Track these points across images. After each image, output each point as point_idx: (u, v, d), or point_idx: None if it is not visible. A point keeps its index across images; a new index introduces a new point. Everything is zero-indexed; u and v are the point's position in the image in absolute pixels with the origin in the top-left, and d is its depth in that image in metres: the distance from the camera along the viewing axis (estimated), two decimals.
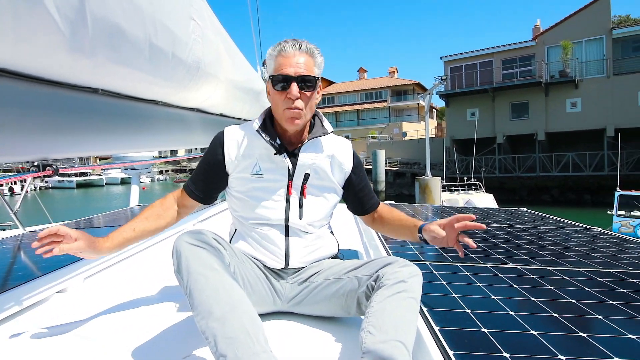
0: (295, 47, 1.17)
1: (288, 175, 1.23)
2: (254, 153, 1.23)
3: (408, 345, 0.87)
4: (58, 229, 1.05)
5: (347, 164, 1.31)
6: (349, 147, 1.33)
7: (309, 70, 1.17)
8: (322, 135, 1.26)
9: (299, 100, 1.16)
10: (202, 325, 0.91)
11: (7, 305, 1.36)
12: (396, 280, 0.99)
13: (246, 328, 0.88)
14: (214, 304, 0.92)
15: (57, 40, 1.01)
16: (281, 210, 1.24)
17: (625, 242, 2.30)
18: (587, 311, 1.18)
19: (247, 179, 1.24)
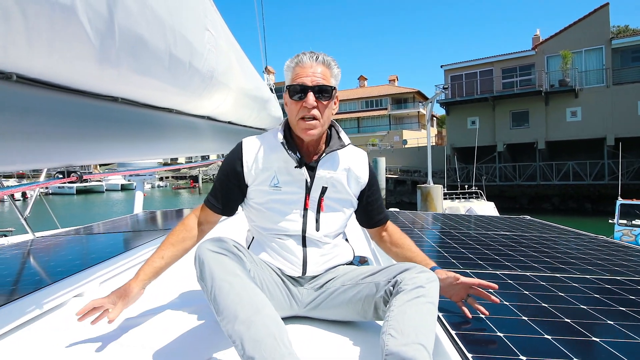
0: (313, 59, 1.21)
1: (306, 188, 1.26)
2: (273, 166, 1.25)
3: (429, 348, 0.89)
4: (93, 305, 1.12)
5: (364, 177, 1.34)
6: (365, 160, 1.36)
7: (326, 80, 1.20)
8: (340, 148, 1.28)
9: (315, 110, 1.18)
10: (229, 329, 0.94)
11: (28, 309, 1.38)
12: (415, 286, 1.02)
13: (271, 331, 0.91)
14: (239, 309, 0.95)
15: (87, 51, 1.05)
16: (298, 223, 1.26)
17: (630, 251, 2.33)
18: (597, 317, 1.21)
19: (265, 191, 1.26)
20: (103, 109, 1.43)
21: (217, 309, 0.99)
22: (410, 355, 0.86)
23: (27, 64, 0.96)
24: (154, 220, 3.70)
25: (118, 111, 1.53)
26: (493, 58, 23.16)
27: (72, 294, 1.61)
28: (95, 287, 1.74)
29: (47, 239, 2.79)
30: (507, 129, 22.24)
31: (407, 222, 3.30)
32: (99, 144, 1.40)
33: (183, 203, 32.51)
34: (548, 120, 21.09)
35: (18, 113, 1.07)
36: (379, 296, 1.12)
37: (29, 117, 1.11)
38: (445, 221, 3.44)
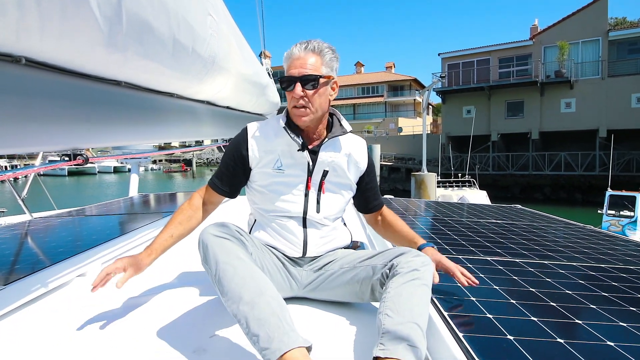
0: (301, 49, 1.25)
1: (308, 171, 1.31)
2: (276, 149, 1.30)
3: (422, 326, 0.95)
4: (107, 271, 1.15)
5: (363, 163, 1.40)
6: (364, 147, 1.42)
7: (314, 69, 1.23)
8: (341, 134, 1.33)
9: (303, 99, 1.23)
10: (234, 309, 0.99)
11: (33, 288, 1.42)
12: (410, 269, 1.07)
13: (274, 310, 0.96)
14: (243, 290, 1.00)
15: (96, 36, 1.07)
16: (300, 204, 1.32)
17: (615, 240, 2.41)
18: (581, 301, 1.27)
19: (268, 173, 1.31)
20: (107, 93, 1.45)
21: (222, 290, 1.03)
22: (406, 333, 0.91)
23: (37, 48, 0.98)
24: (150, 203, 3.73)
25: (121, 95, 1.55)
26: (490, 47, 23.10)
27: (75, 274, 1.65)
28: (97, 268, 1.78)
29: (46, 220, 2.81)
30: (502, 118, 22.33)
31: (401, 209, 3.36)
32: (103, 127, 1.42)
33: (176, 186, 32.41)
34: (542, 111, 21.20)
35: (26, 96, 1.09)
36: (376, 279, 1.18)
37: (37, 100, 1.13)
38: (439, 209, 3.50)
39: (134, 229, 2.29)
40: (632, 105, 19.34)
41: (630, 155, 18.95)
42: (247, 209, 1.48)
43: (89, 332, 1.17)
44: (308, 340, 0.93)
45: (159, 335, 1.16)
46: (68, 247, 1.88)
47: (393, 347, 0.90)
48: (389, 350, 0.89)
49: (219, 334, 1.16)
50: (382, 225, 1.52)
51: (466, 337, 0.97)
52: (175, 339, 1.14)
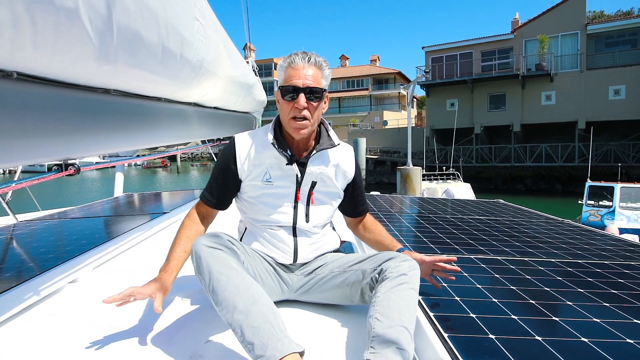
0: (305, 60, 1.26)
1: (296, 183, 1.34)
2: (264, 162, 1.33)
3: (410, 329, 1.01)
4: (132, 293, 1.13)
5: (350, 172, 1.44)
6: (352, 156, 1.45)
7: (316, 82, 1.26)
8: (330, 147, 1.36)
9: (306, 111, 1.25)
10: (228, 319, 1.02)
11: (26, 296, 1.43)
12: (398, 274, 1.13)
13: (268, 318, 1.00)
14: (237, 299, 1.03)
15: (87, 50, 1.08)
16: (289, 215, 1.35)
17: (592, 234, 2.52)
18: (559, 298, 1.35)
19: (257, 186, 1.34)
20: (96, 102, 1.45)
21: (216, 300, 1.06)
22: (395, 337, 0.96)
23: (30, 63, 0.99)
24: (138, 204, 3.71)
25: (111, 102, 1.55)
26: (473, 41, 23.36)
27: (67, 280, 1.66)
28: (88, 273, 1.79)
29: (32, 223, 2.78)
30: (485, 111, 22.67)
31: (386, 206, 3.43)
32: (93, 136, 1.43)
33: (162, 183, 32.00)
34: (524, 104, 21.59)
35: (17, 110, 1.09)
36: (365, 282, 1.22)
37: (28, 114, 1.13)
38: (424, 205, 3.58)
39: (124, 232, 2.29)
40: (610, 97, 19.85)
41: (608, 146, 19.49)
42: (237, 216, 1.51)
43: (83, 339, 1.19)
44: (301, 345, 0.97)
45: (154, 342, 1.18)
46: (58, 253, 1.88)
47: (383, 350, 0.95)
48: (379, 354, 0.94)
49: (213, 339, 1.20)
50: (362, 229, 1.56)
51: (451, 337, 1.03)
52: (171, 345, 1.17)
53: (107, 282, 1.71)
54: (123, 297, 1.11)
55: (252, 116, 4.59)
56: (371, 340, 0.98)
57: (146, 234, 2.43)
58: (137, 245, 2.26)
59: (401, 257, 1.19)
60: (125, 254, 2.11)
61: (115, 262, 1.99)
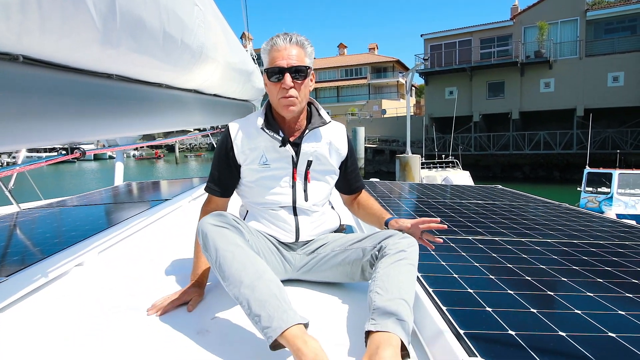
0: (287, 40, 1.30)
1: (292, 163, 1.38)
2: (260, 146, 1.37)
3: (409, 302, 1.04)
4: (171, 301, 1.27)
5: (343, 149, 1.48)
6: (344, 132, 1.49)
7: (300, 60, 1.30)
8: (321, 125, 1.40)
9: (292, 89, 1.28)
10: (235, 293, 1.06)
11: (35, 277, 1.46)
12: (397, 250, 1.16)
13: (273, 292, 1.03)
14: (243, 275, 1.07)
15: (92, 34, 1.10)
16: (288, 195, 1.39)
17: (588, 217, 2.56)
18: (554, 275, 1.39)
19: (255, 169, 1.38)
20: (100, 86, 1.47)
21: (223, 275, 1.10)
22: (394, 309, 1.00)
23: (36, 47, 1.01)
24: (137, 192, 3.74)
25: (112, 87, 1.57)
26: (472, 28, 23.17)
27: (74, 264, 1.70)
28: (94, 257, 1.83)
29: (35, 211, 2.81)
30: (484, 99, 22.60)
31: (386, 192, 3.46)
32: (96, 120, 1.45)
33: (160, 173, 32.00)
34: (522, 91, 21.53)
35: (23, 93, 1.12)
36: (366, 260, 1.26)
37: (33, 97, 1.15)
38: (423, 191, 3.62)
39: (126, 218, 2.33)
40: (608, 84, 19.79)
41: (607, 133, 19.50)
42: (237, 201, 1.54)
43: (92, 319, 1.23)
44: (305, 317, 1.01)
45: (162, 319, 1.22)
46: (63, 238, 1.91)
47: (383, 321, 0.99)
48: (379, 325, 0.98)
49: (219, 316, 1.24)
50: (357, 206, 1.60)
51: (449, 310, 1.07)
52: (178, 321, 1.20)
53: (112, 265, 1.75)
54: (165, 310, 1.24)
55: (251, 104, 4.60)
56: (372, 313, 1.02)
57: (149, 220, 2.47)
58: (140, 231, 2.30)
59: (399, 235, 1.22)
60: (129, 239, 2.14)
61: (120, 246, 2.02)
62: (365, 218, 1.57)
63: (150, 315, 1.23)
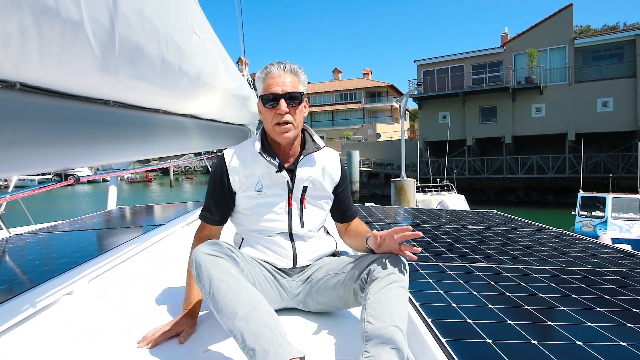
0: (281, 68, 1.33)
1: (288, 189, 1.37)
2: (256, 172, 1.37)
3: (402, 328, 1.03)
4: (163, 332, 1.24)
5: (336, 174, 1.47)
6: (337, 158, 1.49)
7: (294, 87, 1.33)
8: (315, 150, 1.40)
9: (288, 115, 1.30)
10: (229, 325, 1.03)
11: (22, 308, 1.42)
12: (386, 273, 1.15)
13: (268, 324, 1.00)
14: (237, 306, 1.04)
15: (90, 62, 1.10)
16: (284, 222, 1.38)
17: (585, 243, 2.56)
18: (553, 304, 1.37)
19: (250, 196, 1.37)
20: (96, 113, 1.46)
21: (217, 307, 1.07)
22: (388, 337, 0.98)
23: (34, 75, 1.00)
24: (131, 217, 3.70)
25: (109, 114, 1.57)
26: (464, 54, 23.75)
27: (63, 293, 1.65)
28: (84, 285, 1.78)
29: (25, 236, 2.76)
30: (477, 123, 22.95)
31: (381, 216, 3.45)
32: (93, 146, 1.44)
33: (155, 196, 31.79)
34: (514, 116, 21.90)
35: (19, 120, 1.11)
36: (357, 284, 1.24)
37: (29, 124, 1.15)
38: (419, 215, 3.61)
39: (118, 244, 2.29)
40: (598, 110, 20.21)
41: (598, 157, 19.76)
42: (231, 230, 1.52)
43: (81, 350, 1.19)
44: (302, 351, 0.98)
45: (153, 352, 1.18)
46: (53, 265, 1.87)
47: (377, 352, 0.96)
48: (373, 357, 0.95)
49: (212, 349, 1.20)
50: (349, 232, 1.55)
51: (449, 342, 1.04)
52: (170, 354, 1.16)
53: (103, 294, 1.71)
54: (156, 342, 1.21)
55: (247, 128, 4.62)
56: (365, 344, 1.00)
57: (142, 246, 2.43)
58: (132, 258, 2.25)
59: (386, 256, 1.20)
60: (121, 266, 2.10)
61: (112, 274, 1.98)
62: (353, 244, 1.53)
63: (141, 347, 1.19)
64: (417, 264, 1.82)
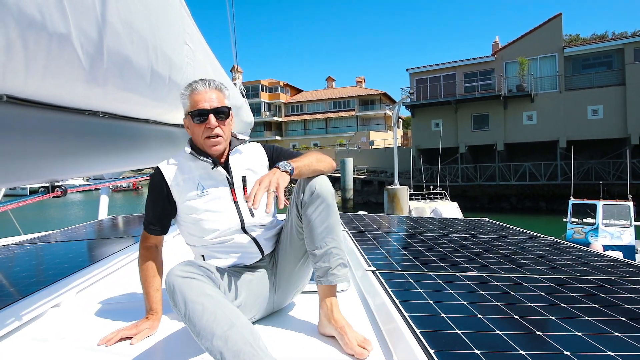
0: (206, 85, 1.38)
1: (229, 184, 1.40)
2: (194, 175, 1.39)
3: (337, 245, 1.26)
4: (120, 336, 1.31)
5: (263, 157, 1.51)
6: (257, 145, 1.55)
7: (221, 102, 1.37)
8: (240, 144, 1.47)
9: (217, 129, 1.35)
10: (208, 346, 1.01)
11: (8, 321, 1.40)
12: (310, 193, 1.29)
13: (248, 340, 1.00)
14: (214, 326, 1.02)
15: (78, 74, 1.10)
16: (234, 217, 1.39)
17: (575, 251, 2.58)
18: (542, 313, 1.37)
19: (194, 200, 1.38)
20: (85, 124, 1.46)
21: (194, 330, 1.04)
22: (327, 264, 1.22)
23: (21, 87, 1.00)
24: (122, 227, 3.67)
25: (99, 125, 1.57)
26: (456, 63, 24.02)
27: (50, 305, 1.63)
28: (72, 297, 1.76)
29: (13, 247, 2.73)
30: (469, 131, 23.14)
31: (374, 226, 3.45)
32: (82, 157, 1.44)
33: (142, 205, 31.51)
34: (506, 123, 22.13)
35: (5, 132, 1.10)
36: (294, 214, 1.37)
37: (16, 136, 1.14)
38: (411, 224, 3.62)
39: (108, 255, 2.26)
40: (589, 117, 20.49)
41: (589, 165, 19.99)
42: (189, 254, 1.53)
43: None
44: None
45: None
46: (40, 277, 1.85)
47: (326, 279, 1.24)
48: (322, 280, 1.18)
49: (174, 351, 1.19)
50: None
51: (437, 353, 1.04)
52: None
53: (90, 306, 1.69)
54: (116, 341, 1.26)
55: None
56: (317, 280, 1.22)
57: (132, 257, 2.40)
58: (122, 268, 2.23)
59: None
60: (110, 277, 2.08)
61: (99, 285, 1.96)
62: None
63: (100, 345, 1.26)
64: (408, 274, 1.82)
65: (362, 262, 2.03)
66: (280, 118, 45.32)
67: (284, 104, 45.93)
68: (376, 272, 1.82)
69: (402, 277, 1.76)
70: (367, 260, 2.04)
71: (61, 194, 1.33)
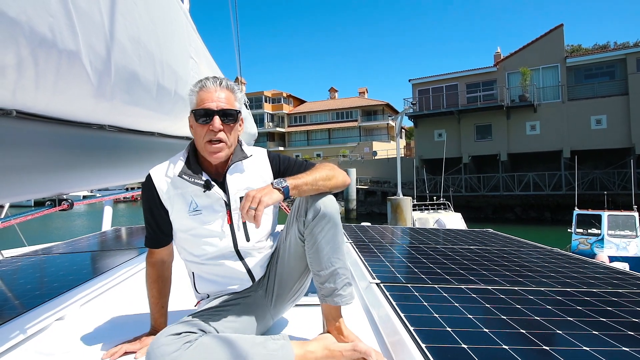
0: (216, 83, 1.24)
1: (225, 205, 1.27)
2: (187, 191, 1.26)
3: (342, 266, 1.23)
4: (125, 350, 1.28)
5: (267, 170, 1.35)
6: (263, 153, 1.38)
7: (230, 104, 1.23)
8: (242, 159, 1.30)
9: (221, 133, 1.20)
10: None
11: (12, 335, 1.40)
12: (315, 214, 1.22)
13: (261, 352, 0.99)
14: None
15: (86, 89, 1.12)
16: (228, 240, 1.29)
17: (581, 263, 2.55)
18: (548, 327, 1.36)
19: (186, 218, 1.27)
20: (92, 137, 1.48)
21: None
22: (332, 286, 1.19)
23: (31, 102, 1.02)
24: (127, 238, 3.68)
25: (106, 138, 1.58)
26: (458, 73, 24.15)
27: (54, 318, 1.63)
28: (76, 310, 1.76)
29: (17, 259, 2.74)
30: (472, 141, 23.15)
31: (377, 237, 3.44)
32: (89, 171, 1.45)
33: None
34: (509, 134, 22.14)
35: (15, 147, 1.12)
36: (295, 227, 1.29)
37: (25, 150, 1.16)
38: (415, 235, 3.60)
39: (112, 267, 2.27)
40: (592, 127, 20.47)
41: (594, 174, 19.90)
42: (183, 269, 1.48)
43: None
44: None
45: None
46: (44, 290, 1.85)
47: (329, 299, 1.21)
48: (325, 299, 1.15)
49: None
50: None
51: None
52: None
53: (95, 318, 1.68)
54: (119, 355, 1.24)
55: None
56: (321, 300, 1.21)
57: (136, 269, 2.40)
58: (126, 281, 2.23)
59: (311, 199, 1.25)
60: (114, 290, 2.08)
61: (104, 298, 1.96)
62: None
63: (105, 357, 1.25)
64: (412, 286, 1.81)
65: (366, 274, 2.02)
66: (284, 129, 45.55)
67: (287, 114, 46.19)
68: (380, 284, 1.81)
69: (406, 290, 1.75)
70: (371, 273, 2.04)
71: (68, 207, 1.34)
